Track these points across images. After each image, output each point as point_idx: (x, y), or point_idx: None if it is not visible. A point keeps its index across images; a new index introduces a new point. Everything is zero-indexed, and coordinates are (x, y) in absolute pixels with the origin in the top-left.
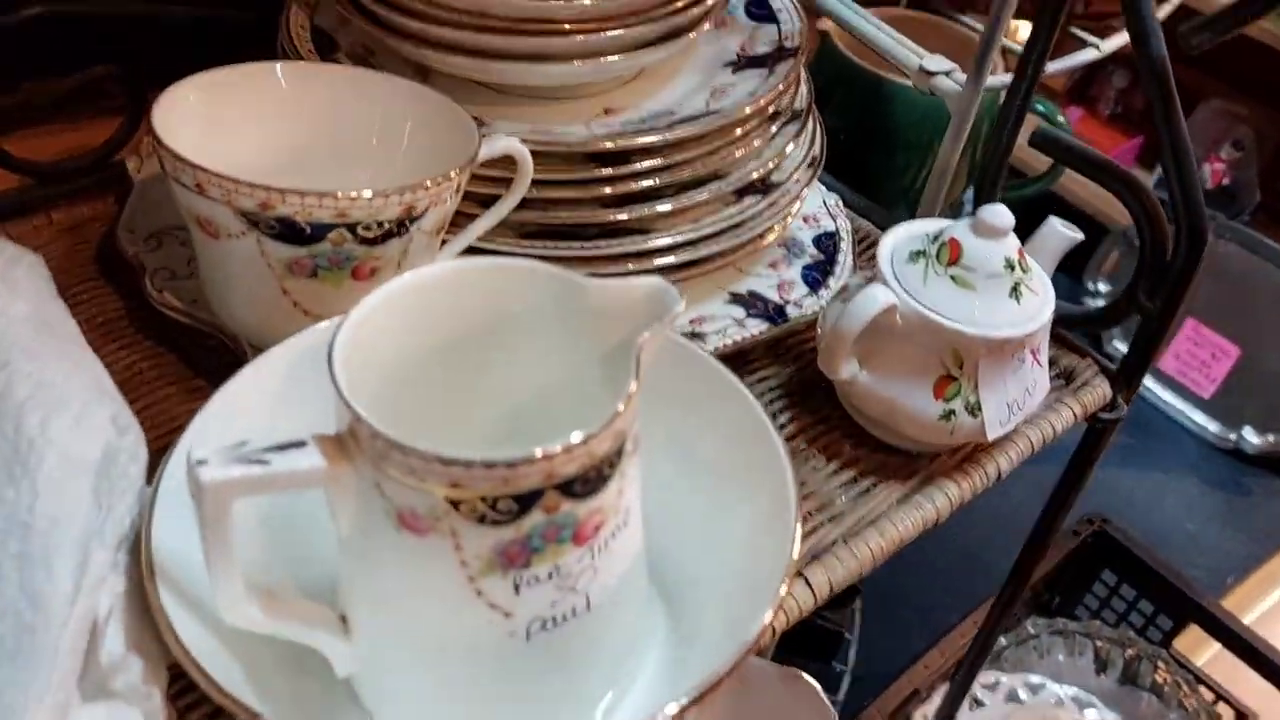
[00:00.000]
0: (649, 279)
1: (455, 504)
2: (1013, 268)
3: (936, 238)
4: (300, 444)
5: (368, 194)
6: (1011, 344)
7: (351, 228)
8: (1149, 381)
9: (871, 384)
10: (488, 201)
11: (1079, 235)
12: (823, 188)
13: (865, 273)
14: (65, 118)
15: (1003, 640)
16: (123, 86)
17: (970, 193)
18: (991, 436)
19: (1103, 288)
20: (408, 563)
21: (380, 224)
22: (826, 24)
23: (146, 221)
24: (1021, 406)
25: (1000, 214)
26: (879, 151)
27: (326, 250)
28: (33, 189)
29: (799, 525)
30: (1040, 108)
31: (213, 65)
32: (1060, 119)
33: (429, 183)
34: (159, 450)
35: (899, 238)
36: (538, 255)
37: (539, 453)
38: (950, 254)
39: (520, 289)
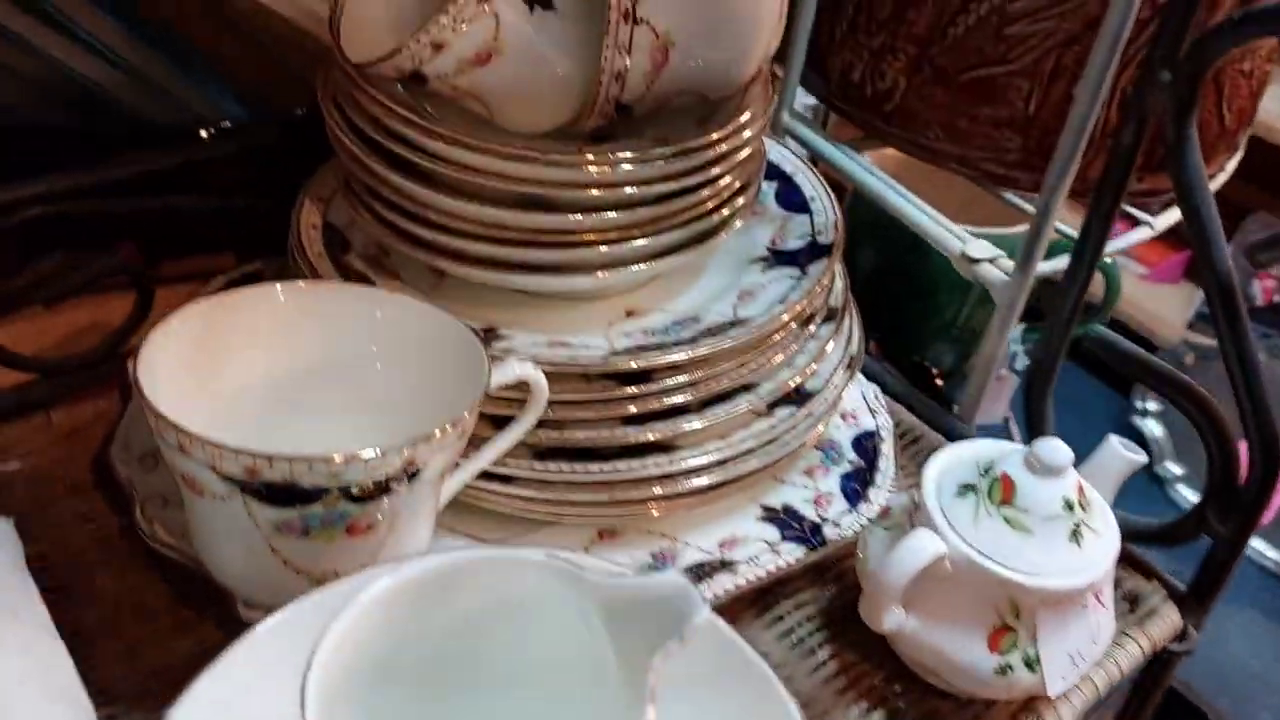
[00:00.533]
0: (668, 578)
1: None
2: (1072, 508)
3: (987, 470)
4: None
5: (368, 454)
6: (1074, 594)
7: (345, 488)
8: None
9: (920, 632)
10: (500, 421)
11: (1143, 458)
12: (862, 378)
13: (912, 494)
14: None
15: None
16: (130, 276)
17: (1019, 332)
18: (1053, 693)
19: (1152, 407)
20: None
21: (377, 482)
22: None
23: (143, 436)
24: (1085, 658)
25: (1057, 451)
26: (919, 291)
27: (319, 512)
28: (35, 384)
29: None
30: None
31: (225, 246)
32: (1111, 266)
33: (437, 432)
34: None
35: (945, 465)
36: (553, 478)
37: None
38: (1003, 492)
39: (525, 583)
